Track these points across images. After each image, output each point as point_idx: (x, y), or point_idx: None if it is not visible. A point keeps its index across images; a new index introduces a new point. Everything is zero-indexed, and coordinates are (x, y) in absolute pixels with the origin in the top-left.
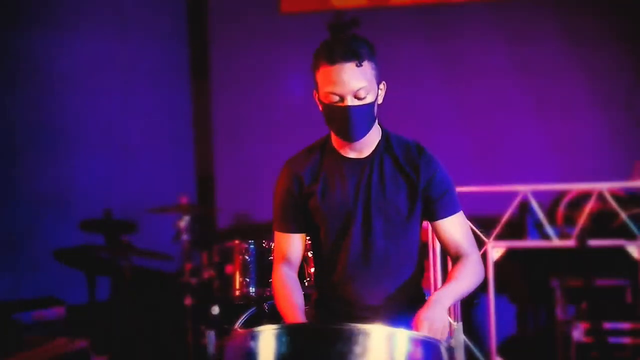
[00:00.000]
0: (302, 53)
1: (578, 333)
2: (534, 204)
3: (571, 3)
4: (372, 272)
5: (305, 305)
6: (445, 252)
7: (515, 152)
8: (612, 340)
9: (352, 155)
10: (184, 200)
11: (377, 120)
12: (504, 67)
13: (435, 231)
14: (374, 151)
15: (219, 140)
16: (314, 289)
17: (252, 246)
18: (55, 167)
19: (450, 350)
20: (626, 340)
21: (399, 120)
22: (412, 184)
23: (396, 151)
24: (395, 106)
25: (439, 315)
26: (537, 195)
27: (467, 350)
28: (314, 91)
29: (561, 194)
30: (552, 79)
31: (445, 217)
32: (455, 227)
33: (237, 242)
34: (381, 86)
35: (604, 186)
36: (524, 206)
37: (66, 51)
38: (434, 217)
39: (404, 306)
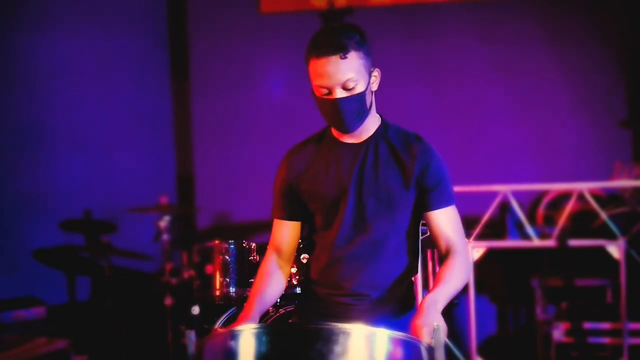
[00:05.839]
0: (282, 53)
1: (558, 333)
2: (514, 204)
3: (551, 3)
4: (360, 256)
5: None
6: (434, 245)
7: (495, 152)
8: (592, 340)
9: (349, 140)
10: (164, 200)
11: (374, 108)
12: (484, 67)
13: (427, 222)
14: (370, 136)
15: (199, 140)
16: (305, 275)
17: (232, 246)
18: (35, 166)
19: (431, 350)
20: (606, 340)
21: None
22: (407, 170)
23: (393, 138)
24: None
25: (436, 320)
26: (518, 195)
27: (448, 350)
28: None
29: (541, 194)
30: (532, 79)
31: (438, 208)
32: (447, 220)
33: (217, 242)
34: (375, 73)
35: (584, 186)
36: (504, 206)
37: (46, 51)
38: (426, 207)
39: (390, 295)
